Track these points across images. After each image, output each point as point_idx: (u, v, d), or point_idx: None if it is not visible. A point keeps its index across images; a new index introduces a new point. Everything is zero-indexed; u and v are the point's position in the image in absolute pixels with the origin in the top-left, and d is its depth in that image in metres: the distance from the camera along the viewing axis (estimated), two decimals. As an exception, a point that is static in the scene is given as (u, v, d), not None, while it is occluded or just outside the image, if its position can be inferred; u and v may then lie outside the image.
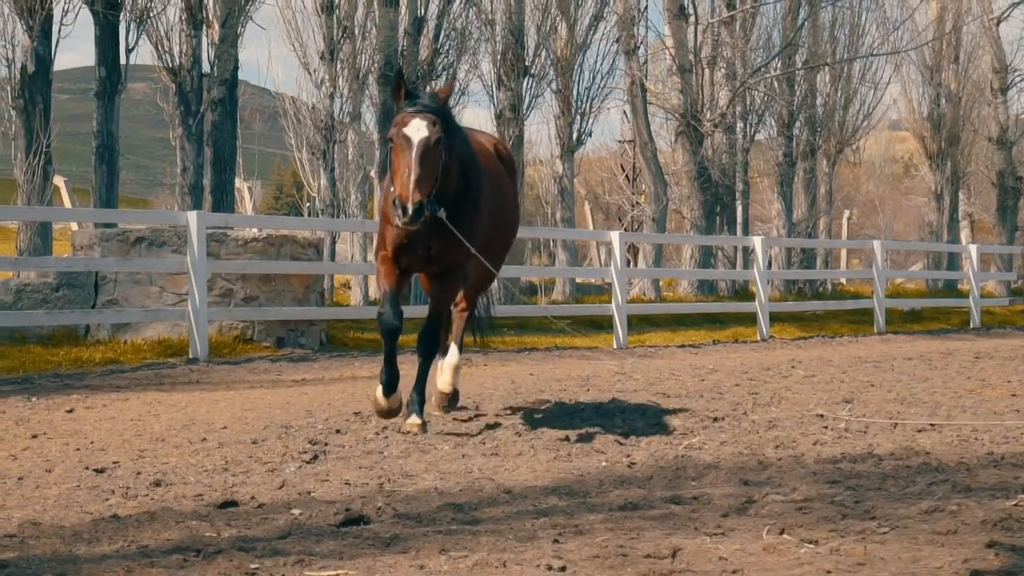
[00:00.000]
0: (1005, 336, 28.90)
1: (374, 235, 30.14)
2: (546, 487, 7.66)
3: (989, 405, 12.55)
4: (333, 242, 31.28)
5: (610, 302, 24.25)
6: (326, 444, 9.81)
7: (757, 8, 38.57)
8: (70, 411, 12.26)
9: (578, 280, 36.82)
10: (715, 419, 11.30)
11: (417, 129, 9.84)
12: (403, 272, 10.88)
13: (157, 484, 7.99)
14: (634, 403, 12.67)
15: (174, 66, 26.46)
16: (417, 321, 13.71)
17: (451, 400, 12.06)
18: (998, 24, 49.28)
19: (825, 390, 14.12)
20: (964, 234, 48.96)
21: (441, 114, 10.09)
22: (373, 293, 29.69)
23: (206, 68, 27.07)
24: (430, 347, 11.02)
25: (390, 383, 10.69)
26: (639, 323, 27.18)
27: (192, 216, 18.20)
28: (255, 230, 20.65)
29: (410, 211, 9.52)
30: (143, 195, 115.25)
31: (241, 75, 27.94)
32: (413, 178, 9.61)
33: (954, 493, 7.30)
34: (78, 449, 9.73)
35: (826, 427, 10.72)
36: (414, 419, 10.57)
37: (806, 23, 39.46)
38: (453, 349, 12.24)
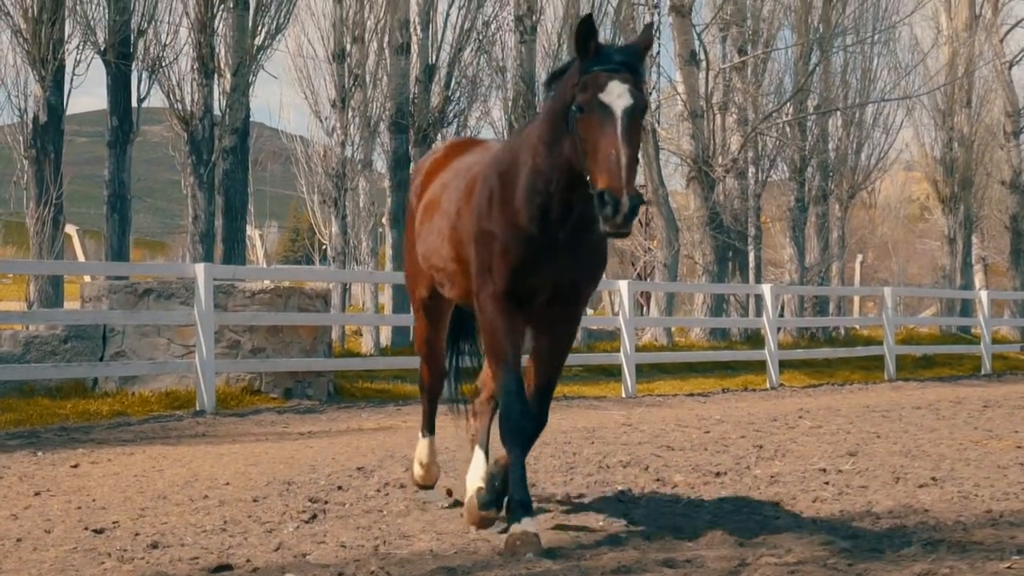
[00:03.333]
0: (1016, 382, 28.86)
1: (385, 284, 30.11)
2: (540, 548, 7.65)
3: (994, 458, 12.53)
4: (344, 290, 31.32)
5: (620, 350, 24.26)
6: (326, 502, 9.82)
7: (768, 54, 38.66)
8: (75, 466, 12.29)
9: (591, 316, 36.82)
10: (717, 474, 11.30)
11: (619, 95, 7.53)
12: (518, 319, 8.25)
13: (154, 546, 8.01)
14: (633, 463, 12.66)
15: (185, 114, 26.58)
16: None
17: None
18: (1010, 68, 49.35)
19: (831, 442, 14.11)
20: (978, 278, 48.88)
21: (641, 77, 7.78)
22: (384, 340, 29.71)
23: (217, 116, 27.20)
24: (537, 429, 8.44)
25: (526, 503, 7.98)
26: (649, 370, 27.18)
27: (200, 269, 18.27)
28: (264, 281, 20.72)
29: (625, 207, 7.16)
30: (161, 238, 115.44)
31: (257, 117, 28.09)
32: (625, 161, 7.26)
33: (949, 555, 7.30)
34: (79, 507, 9.75)
35: (827, 483, 10.71)
36: (526, 526, 7.80)
37: (818, 68, 39.49)
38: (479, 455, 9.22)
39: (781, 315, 36.33)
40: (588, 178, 7.38)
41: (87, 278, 24.91)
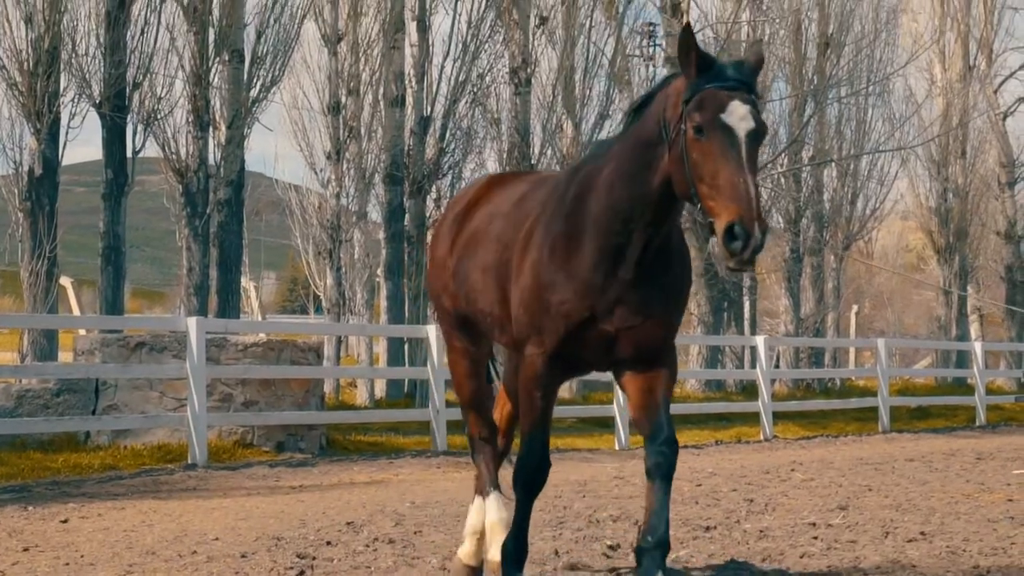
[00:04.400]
0: (1011, 433, 28.85)
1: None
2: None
3: (984, 512, 12.54)
4: (339, 341, 31.34)
5: (613, 402, 24.26)
6: (314, 558, 9.80)
7: (763, 105, 38.76)
8: (65, 521, 12.29)
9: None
10: (707, 528, 11.29)
11: (742, 117, 6.74)
12: (563, 375, 7.74)
13: (139, 604, 8.01)
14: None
15: (180, 167, 26.64)
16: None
17: None
18: (1004, 119, 49.53)
19: (822, 495, 14.12)
20: (973, 328, 48.88)
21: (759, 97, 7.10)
22: (379, 391, 29.72)
23: (212, 167, 27.27)
24: (668, 479, 7.36)
25: (519, 557, 7.80)
26: (644, 422, 27.09)
27: (192, 323, 18.31)
28: (259, 335, 20.75)
29: (757, 241, 6.51)
30: (159, 288, 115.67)
31: (255, 167, 28.17)
32: (754, 190, 6.59)
33: (933, 612, 7.31)
34: (67, 564, 9.73)
35: (816, 537, 10.71)
36: None
37: (812, 119, 39.63)
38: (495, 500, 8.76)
39: (777, 366, 36.34)
40: (699, 206, 6.71)
41: (81, 331, 24.93)
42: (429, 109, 31.49)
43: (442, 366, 21.94)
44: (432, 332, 21.75)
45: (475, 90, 32.14)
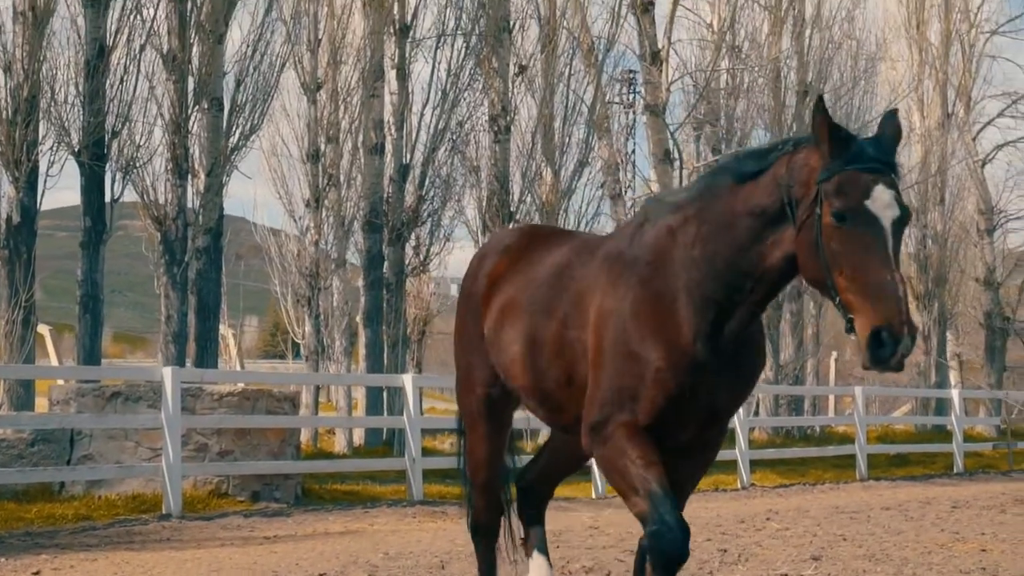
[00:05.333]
0: (988, 481, 28.87)
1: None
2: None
3: (957, 562, 12.55)
4: (318, 388, 31.31)
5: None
6: (283, 612, 9.79)
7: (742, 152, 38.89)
8: (37, 573, 12.25)
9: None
10: (678, 580, 11.27)
11: (888, 205, 6.27)
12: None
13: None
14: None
15: (159, 214, 26.64)
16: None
17: None
18: (983, 166, 49.70)
19: (796, 545, 14.11)
20: (952, 375, 48.92)
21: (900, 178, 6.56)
22: (358, 439, 29.68)
23: (191, 215, 27.28)
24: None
25: None
26: (622, 470, 27.05)
27: (167, 372, 18.29)
28: (238, 385, 20.72)
29: (906, 348, 6.06)
30: (142, 332, 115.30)
31: (237, 212, 28.18)
32: (903, 290, 6.10)
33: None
34: (36, 617, 9.71)
35: (787, 590, 10.72)
36: None
37: (791, 166, 39.69)
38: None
39: (757, 413, 36.34)
40: (836, 298, 6.26)
41: (59, 381, 24.90)
42: (408, 157, 31.61)
43: (418, 415, 22.00)
44: (408, 381, 21.76)
45: (454, 138, 32.31)
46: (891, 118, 6.56)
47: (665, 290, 6.81)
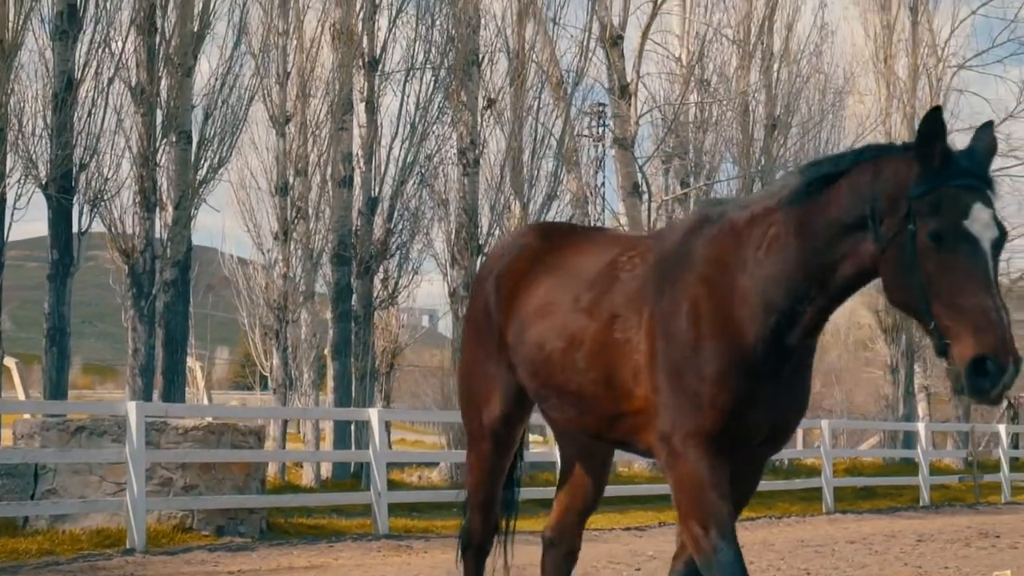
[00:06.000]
0: (954, 514, 28.95)
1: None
2: None
3: (917, 598, 12.63)
4: (285, 421, 31.27)
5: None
6: (241, 650, 9.79)
7: (711, 186, 39.09)
8: (-4, 609, 12.23)
9: (532, 451, 36.73)
10: (638, 618, 11.33)
11: (987, 225, 5.95)
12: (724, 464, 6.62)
13: None
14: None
15: (127, 247, 26.63)
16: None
17: None
18: (949, 200, 49.89)
19: (758, 581, 14.16)
20: (920, 407, 49.07)
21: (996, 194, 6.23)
22: (325, 472, 29.66)
23: (159, 248, 27.27)
24: None
25: None
26: (589, 503, 27.03)
27: (131, 407, 18.27)
28: (206, 419, 20.68)
29: (1010, 375, 5.74)
30: (111, 363, 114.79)
31: (209, 242, 28.22)
32: (1007, 316, 5.79)
33: None
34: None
35: (744, 627, 10.73)
36: None
37: (759, 200, 39.83)
38: None
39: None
40: (931, 324, 5.92)
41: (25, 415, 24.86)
42: (377, 190, 31.68)
43: (384, 449, 22.01)
44: (375, 415, 21.77)
45: (423, 171, 32.38)
46: (986, 129, 6.26)
47: (727, 291, 6.57)
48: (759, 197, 6.81)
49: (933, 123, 5.96)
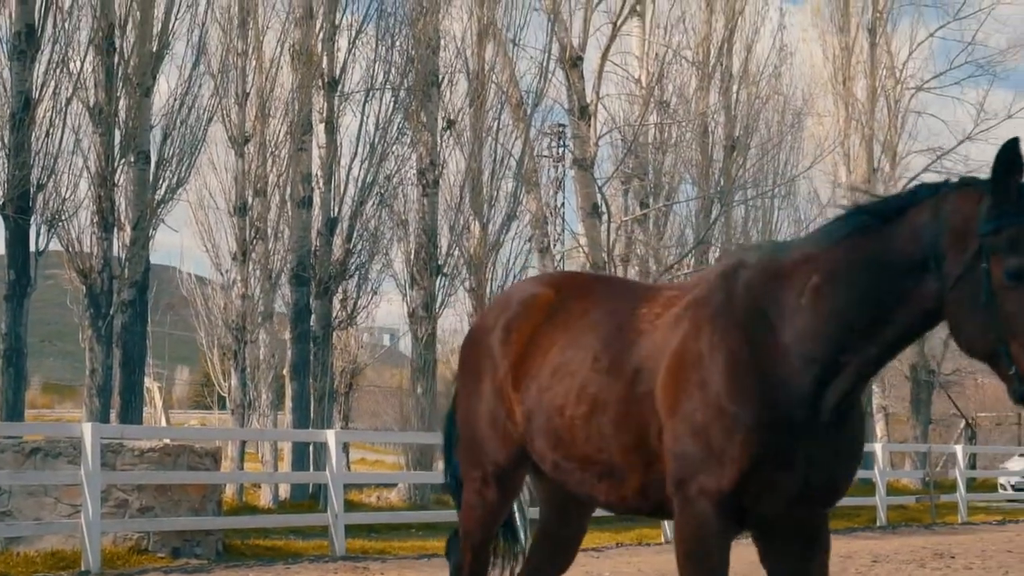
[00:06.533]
0: (911, 534, 29.07)
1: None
2: None
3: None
4: (243, 444, 31.18)
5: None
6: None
7: (670, 206, 39.24)
8: (-52, 633, 12.18)
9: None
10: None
11: None
12: (732, 529, 6.40)
13: None
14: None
15: (84, 268, 26.56)
16: None
17: None
18: (908, 219, 50.13)
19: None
20: (879, 427, 49.28)
21: None
22: (284, 493, 29.58)
23: (117, 268, 27.20)
24: None
25: None
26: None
27: (87, 428, 18.22)
28: (165, 440, 20.63)
29: None
30: (71, 382, 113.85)
31: (170, 261, 28.12)
32: None
33: None
34: None
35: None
36: None
37: (719, 221, 40.03)
38: None
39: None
40: (1013, 370, 5.57)
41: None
42: (336, 210, 31.70)
43: (341, 470, 21.99)
44: (331, 437, 21.75)
45: (382, 191, 32.42)
46: None
47: (765, 342, 6.17)
48: (799, 243, 6.51)
49: (1010, 154, 5.62)
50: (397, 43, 32.68)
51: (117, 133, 27.07)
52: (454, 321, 37.80)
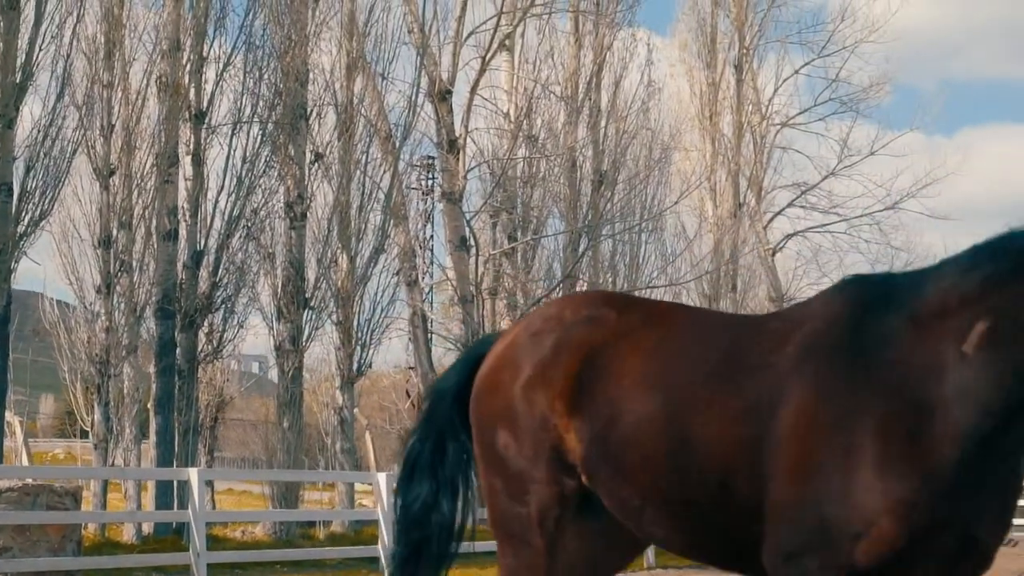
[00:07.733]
0: None
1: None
2: None
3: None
4: (105, 483, 30.75)
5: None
6: None
7: (538, 240, 39.39)
8: None
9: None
10: None
11: None
12: None
13: None
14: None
15: (-55, 302, 26.17)
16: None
17: None
18: (774, 254, 50.76)
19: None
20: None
21: None
22: (147, 528, 29.23)
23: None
24: None
25: None
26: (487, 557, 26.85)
27: (-59, 469, 18.00)
28: (27, 480, 20.33)
29: None
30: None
31: (36, 287, 27.75)
32: None
33: None
34: None
35: None
36: None
37: (587, 254, 40.21)
38: None
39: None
40: None
41: None
42: (203, 243, 31.52)
43: (203, 509, 21.78)
44: (194, 475, 21.55)
45: (249, 224, 32.28)
46: None
47: (920, 401, 5.50)
48: (938, 280, 5.75)
49: None
50: (265, 76, 32.67)
51: (-22, 165, 26.69)
52: (321, 353, 37.59)
